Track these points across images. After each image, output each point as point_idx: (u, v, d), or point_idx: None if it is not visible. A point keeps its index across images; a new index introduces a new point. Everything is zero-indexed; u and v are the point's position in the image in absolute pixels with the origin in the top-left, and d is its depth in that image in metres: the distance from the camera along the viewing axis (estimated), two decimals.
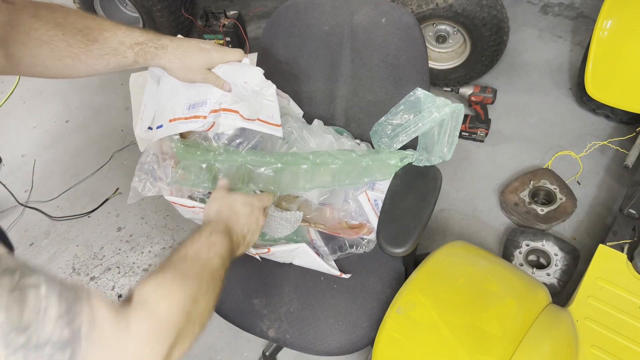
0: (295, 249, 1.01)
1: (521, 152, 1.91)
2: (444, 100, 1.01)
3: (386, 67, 1.09)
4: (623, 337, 1.11)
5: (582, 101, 1.97)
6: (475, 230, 1.74)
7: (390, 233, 0.96)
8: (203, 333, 0.63)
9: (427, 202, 1.01)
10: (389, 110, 1.09)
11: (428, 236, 1.74)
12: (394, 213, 1.01)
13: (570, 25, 2.35)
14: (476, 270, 1.10)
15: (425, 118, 1.01)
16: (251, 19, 2.77)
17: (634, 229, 1.34)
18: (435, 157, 1.03)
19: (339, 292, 1.09)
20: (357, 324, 1.04)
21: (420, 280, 1.05)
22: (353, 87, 1.15)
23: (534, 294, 1.07)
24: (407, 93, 1.08)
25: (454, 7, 1.77)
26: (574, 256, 1.53)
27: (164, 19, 2.38)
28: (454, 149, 1.02)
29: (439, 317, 0.97)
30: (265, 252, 1.03)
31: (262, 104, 0.96)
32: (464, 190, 1.85)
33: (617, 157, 1.82)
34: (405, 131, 1.04)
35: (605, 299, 1.19)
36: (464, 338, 0.93)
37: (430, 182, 1.06)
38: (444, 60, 2.08)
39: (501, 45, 1.93)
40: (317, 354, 1.04)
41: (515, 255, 1.57)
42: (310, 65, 1.17)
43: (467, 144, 1.98)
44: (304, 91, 1.20)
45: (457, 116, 1.00)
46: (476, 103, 1.89)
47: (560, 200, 1.66)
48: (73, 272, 1.89)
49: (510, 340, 0.93)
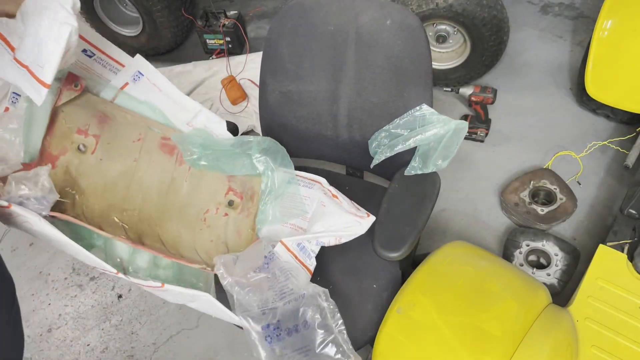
0: (195, 296, 0.90)
1: (521, 152, 1.91)
2: (447, 118, 1.03)
3: (390, 69, 1.10)
4: (623, 337, 1.11)
5: (582, 101, 1.97)
6: (475, 230, 1.73)
7: (386, 237, 0.97)
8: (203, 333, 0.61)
9: (424, 207, 1.02)
10: (392, 121, 1.10)
11: (428, 236, 1.74)
12: (391, 217, 1.01)
13: (570, 25, 2.35)
14: (476, 270, 1.10)
15: (426, 131, 1.03)
16: (251, 19, 2.77)
17: (634, 229, 1.34)
18: (431, 167, 1.04)
19: (334, 293, 1.08)
20: (352, 325, 1.04)
21: (420, 280, 1.05)
22: (356, 88, 1.15)
23: (534, 294, 1.07)
24: (409, 96, 1.10)
25: (454, 7, 1.77)
26: (574, 256, 1.53)
27: (164, 18, 2.38)
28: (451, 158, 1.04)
29: (439, 317, 0.97)
30: (159, 286, 0.91)
31: (45, 46, 0.79)
32: (464, 191, 1.85)
33: (618, 157, 1.82)
34: (403, 142, 1.06)
35: (606, 299, 1.19)
36: (464, 338, 0.93)
37: (429, 187, 1.06)
38: (444, 60, 2.08)
39: (501, 45, 1.93)
40: None
41: (516, 256, 1.57)
42: (315, 65, 1.17)
43: (467, 144, 1.98)
44: (307, 91, 1.20)
45: (459, 132, 1.02)
46: (476, 103, 1.89)
47: (561, 200, 1.66)
48: (73, 272, 1.89)
49: (510, 340, 0.93)
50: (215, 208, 1.15)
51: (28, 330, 1.75)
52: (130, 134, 1.12)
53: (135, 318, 1.72)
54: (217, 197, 1.16)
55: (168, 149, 1.15)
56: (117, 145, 1.11)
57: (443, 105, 2.13)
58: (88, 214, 1.03)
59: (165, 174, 1.14)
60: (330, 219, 1.05)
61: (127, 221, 1.07)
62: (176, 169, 1.15)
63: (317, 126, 1.24)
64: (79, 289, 1.84)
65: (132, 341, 1.67)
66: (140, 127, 1.13)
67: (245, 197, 1.16)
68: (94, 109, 1.09)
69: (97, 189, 1.08)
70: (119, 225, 1.04)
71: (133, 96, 1.11)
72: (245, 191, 1.17)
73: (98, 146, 1.09)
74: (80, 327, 1.74)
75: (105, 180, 1.09)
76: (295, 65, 1.18)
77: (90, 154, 1.08)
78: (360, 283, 1.09)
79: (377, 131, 1.14)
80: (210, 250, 1.09)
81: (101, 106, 1.10)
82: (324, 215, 1.06)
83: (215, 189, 1.17)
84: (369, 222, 1.01)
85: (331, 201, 1.08)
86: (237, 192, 1.16)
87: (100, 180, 1.09)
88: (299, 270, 0.97)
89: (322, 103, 1.20)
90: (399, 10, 1.06)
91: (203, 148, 1.10)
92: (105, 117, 1.10)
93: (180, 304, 1.71)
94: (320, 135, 1.25)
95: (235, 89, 2.22)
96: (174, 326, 1.68)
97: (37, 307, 1.81)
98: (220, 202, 1.16)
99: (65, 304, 1.81)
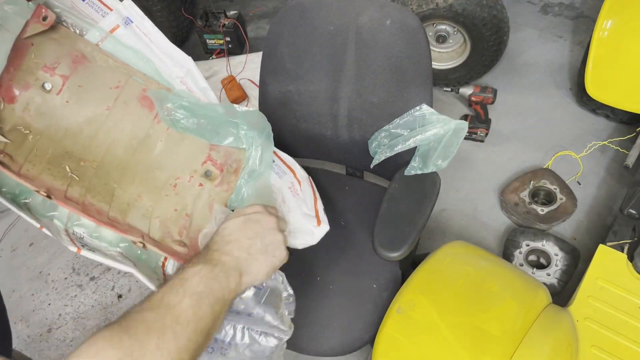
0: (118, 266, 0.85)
1: (521, 152, 1.91)
2: (447, 118, 1.03)
3: (390, 69, 1.10)
4: (623, 337, 1.11)
5: (582, 101, 1.97)
6: (475, 230, 1.73)
7: (386, 237, 0.96)
8: None
9: (424, 207, 1.02)
10: (392, 121, 1.10)
11: (428, 236, 1.74)
12: (391, 217, 1.01)
13: (570, 25, 2.35)
14: (476, 270, 1.10)
15: (426, 131, 1.03)
16: (251, 19, 2.77)
17: (634, 229, 1.34)
18: (431, 167, 1.04)
19: (334, 293, 1.09)
20: (351, 326, 1.04)
21: (420, 280, 1.05)
22: (356, 88, 1.15)
23: (534, 294, 1.07)
24: (409, 96, 1.09)
25: (454, 7, 1.77)
26: (574, 256, 1.53)
27: (164, 18, 2.38)
28: (451, 158, 1.03)
29: (439, 317, 0.97)
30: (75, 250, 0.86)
31: None
32: (464, 190, 1.85)
33: (617, 157, 1.82)
34: (403, 142, 1.06)
35: (606, 299, 1.19)
36: (464, 338, 0.93)
37: (429, 187, 1.06)
38: (444, 60, 2.08)
39: (501, 45, 1.93)
40: (310, 354, 1.04)
41: (516, 255, 1.57)
42: (315, 65, 1.17)
43: (467, 144, 1.98)
44: (307, 91, 1.20)
45: (459, 132, 1.02)
46: (476, 103, 1.89)
47: (561, 200, 1.66)
48: (73, 272, 1.89)
49: (510, 340, 0.93)
50: (190, 176, 1.07)
51: (28, 330, 1.75)
52: (109, 80, 1.05)
53: None
54: (194, 164, 1.08)
55: (148, 102, 1.07)
56: (90, 89, 1.03)
57: (443, 105, 2.13)
58: (36, 158, 0.96)
59: (139, 130, 1.06)
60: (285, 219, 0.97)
61: (79, 173, 0.98)
62: (153, 126, 1.07)
63: (317, 126, 1.24)
64: (79, 289, 1.84)
65: None
66: (122, 74, 1.05)
67: (228, 171, 1.09)
68: (71, 47, 1.02)
69: (56, 133, 0.99)
70: (67, 176, 0.96)
71: (123, 42, 1.04)
72: (229, 164, 1.09)
73: (65, 87, 1.01)
74: (80, 327, 1.74)
75: (68, 125, 1.01)
76: (295, 65, 1.18)
77: (55, 94, 1.01)
78: (360, 283, 1.09)
79: (377, 131, 1.14)
80: (168, 221, 1.02)
81: (81, 45, 1.03)
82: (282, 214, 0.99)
83: (193, 155, 1.08)
84: (321, 231, 0.94)
85: (293, 198, 1.02)
86: (216, 162, 1.09)
87: (63, 124, 1.00)
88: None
89: (322, 103, 1.20)
90: (399, 10, 1.06)
91: (185, 110, 1.02)
92: (83, 58, 1.03)
93: None
94: (320, 135, 1.25)
95: (235, 89, 2.22)
96: None
97: (37, 307, 1.81)
98: (196, 170, 1.08)
99: (65, 304, 1.81)
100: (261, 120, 1.07)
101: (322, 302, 1.07)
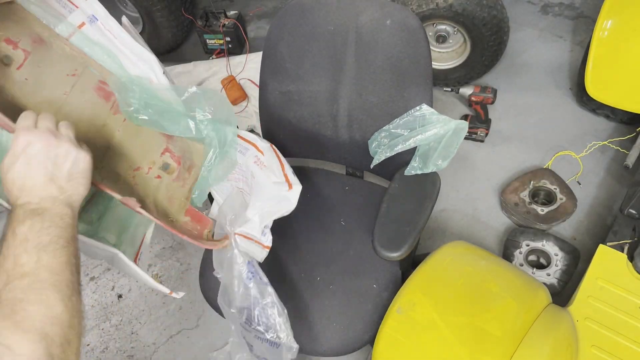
0: (110, 253, 0.87)
1: (521, 152, 1.91)
2: (447, 118, 1.03)
3: (390, 69, 1.10)
4: (623, 337, 1.11)
5: (582, 101, 1.97)
6: (475, 230, 1.73)
7: (386, 237, 0.97)
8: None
9: (424, 207, 1.02)
10: (392, 121, 1.10)
11: (428, 236, 1.74)
12: (391, 217, 1.01)
13: (570, 25, 2.35)
14: (476, 270, 1.10)
15: (426, 131, 1.03)
16: (251, 19, 2.77)
17: (634, 229, 1.34)
18: (431, 167, 1.04)
19: (334, 293, 1.09)
20: (351, 325, 1.04)
21: (420, 280, 1.06)
22: (356, 88, 1.15)
23: (534, 294, 1.07)
24: (409, 96, 1.10)
25: (454, 7, 1.77)
26: (574, 256, 1.53)
27: (164, 19, 2.38)
28: (451, 158, 1.03)
29: (439, 317, 0.97)
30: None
31: None
32: (464, 190, 1.85)
33: (617, 157, 1.82)
34: (403, 142, 1.06)
35: (606, 299, 1.19)
36: (464, 338, 0.93)
37: (429, 187, 1.06)
38: (444, 60, 2.08)
39: (501, 45, 1.93)
40: (309, 354, 1.04)
41: (516, 255, 1.57)
42: (315, 65, 1.17)
43: (467, 144, 1.98)
44: (307, 91, 1.20)
45: (459, 132, 1.02)
46: (476, 103, 1.89)
47: (561, 200, 1.66)
48: None
49: (510, 340, 0.93)
50: (148, 167, 1.07)
51: None
52: (65, 66, 1.04)
53: (135, 318, 1.72)
54: (152, 155, 1.08)
55: (104, 94, 1.07)
56: (47, 72, 1.02)
57: (443, 105, 2.13)
58: None
59: (97, 119, 1.05)
60: (259, 193, 0.99)
61: None
62: (110, 116, 1.06)
63: (317, 126, 1.24)
64: None
65: (132, 341, 1.67)
66: (78, 63, 1.05)
67: (183, 166, 1.10)
68: (30, 29, 1.01)
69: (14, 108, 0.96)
70: None
71: (91, 38, 1.06)
72: (184, 160, 1.10)
73: (26, 63, 0.99)
74: None
75: (26, 104, 0.98)
76: (295, 65, 1.18)
77: (15, 69, 0.98)
78: (360, 283, 1.09)
79: (377, 131, 1.14)
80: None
81: (39, 29, 1.02)
82: (254, 190, 1.01)
83: (151, 146, 1.08)
84: (295, 193, 0.95)
85: (260, 171, 1.02)
86: (174, 155, 1.09)
87: (22, 102, 0.98)
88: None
89: (322, 103, 1.20)
90: (399, 10, 1.06)
91: (142, 101, 1.02)
92: (41, 41, 1.02)
93: (179, 305, 1.72)
94: (320, 135, 1.25)
95: (235, 89, 2.22)
96: (174, 326, 1.68)
97: None
98: (154, 161, 1.08)
99: None
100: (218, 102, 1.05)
101: (323, 302, 1.07)
